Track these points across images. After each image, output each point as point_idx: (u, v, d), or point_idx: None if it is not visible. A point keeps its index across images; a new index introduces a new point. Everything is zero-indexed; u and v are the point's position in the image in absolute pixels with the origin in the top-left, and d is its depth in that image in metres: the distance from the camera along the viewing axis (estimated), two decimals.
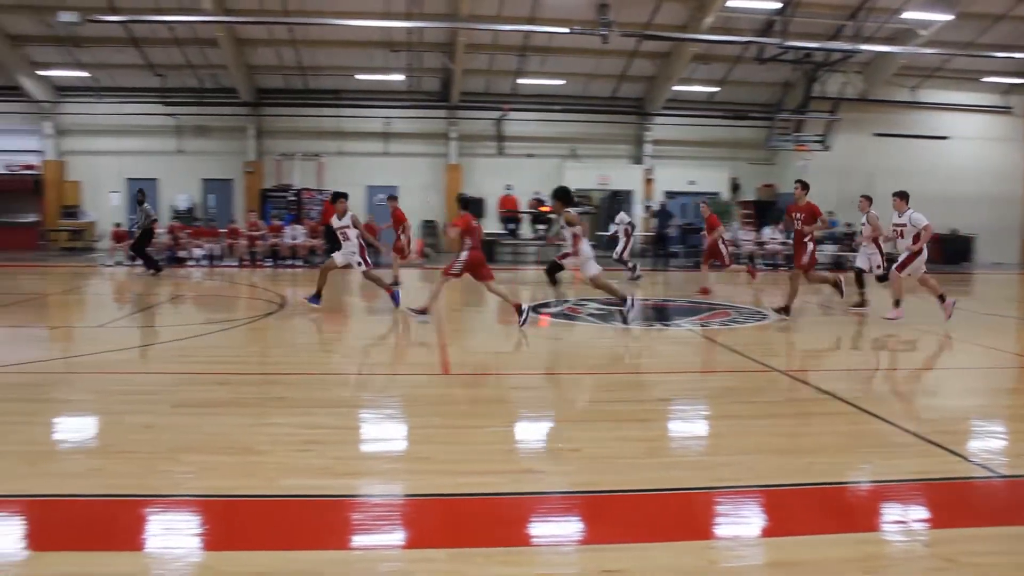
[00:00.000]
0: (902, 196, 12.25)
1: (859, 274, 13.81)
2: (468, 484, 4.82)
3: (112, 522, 4.41)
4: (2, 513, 4.52)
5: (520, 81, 25.07)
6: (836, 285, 12.93)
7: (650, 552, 3.96)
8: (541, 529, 4.34)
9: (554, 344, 10.58)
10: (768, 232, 23.63)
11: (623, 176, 26.82)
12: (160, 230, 22.53)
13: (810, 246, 12.15)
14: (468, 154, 26.60)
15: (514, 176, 25.40)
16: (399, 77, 24.79)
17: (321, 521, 4.42)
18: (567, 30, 20.57)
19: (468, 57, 23.31)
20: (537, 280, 15.94)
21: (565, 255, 12.15)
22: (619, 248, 18.82)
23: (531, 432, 6.29)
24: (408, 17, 21.19)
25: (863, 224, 13.68)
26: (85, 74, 25.21)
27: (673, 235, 24.12)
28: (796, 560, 3.90)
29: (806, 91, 24.86)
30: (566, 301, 12.61)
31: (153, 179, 25.96)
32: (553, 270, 13.49)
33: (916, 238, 11.87)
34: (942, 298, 11.96)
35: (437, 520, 4.42)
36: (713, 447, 5.90)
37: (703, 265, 16.37)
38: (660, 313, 12.33)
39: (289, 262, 21.92)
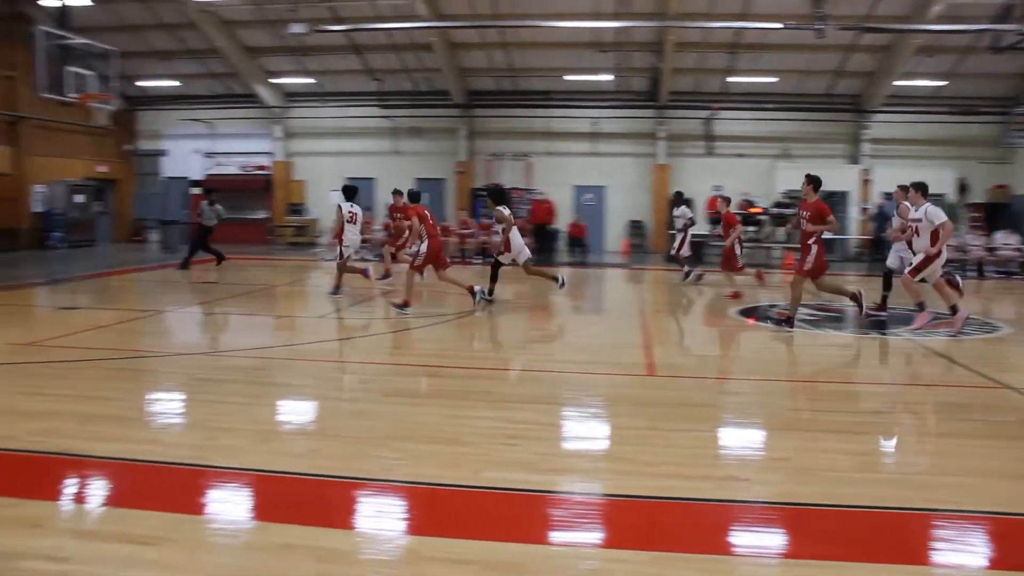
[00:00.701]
0: (918, 188, 10.89)
1: (887, 275, 12.42)
2: (669, 487, 4.79)
3: (326, 501, 4.71)
4: (236, 484, 4.93)
5: (730, 79, 24.44)
6: (855, 298, 11.34)
7: (855, 572, 3.79)
8: (743, 538, 4.26)
9: (763, 349, 10.28)
10: (1000, 237, 21.87)
11: (837, 177, 25.59)
12: (376, 227, 23.69)
13: (814, 249, 10.82)
14: (676, 154, 26.24)
15: (724, 176, 24.79)
16: (607, 77, 24.81)
17: (523, 514, 4.52)
18: (780, 25, 19.86)
19: (677, 56, 22.99)
20: (747, 283, 15.55)
21: (500, 253, 13.14)
22: (675, 245, 17.83)
23: (735, 438, 6.17)
24: (616, 17, 21.18)
25: (893, 216, 12.25)
26: (311, 80, 26.89)
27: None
28: None
29: None
30: (774, 305, 12.23)
31: (371, 178, 27.30)
32: (496, 267, 13.65)
33: (934, 237, 10.52)
34: (954, 309, 10.58)
35: (637, 521, 4.42)
36: (931, 466, 5.54)
37: (724, 270, 15.33)
38: (876, 322, 11.69)
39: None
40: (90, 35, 21.55)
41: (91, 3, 22.61)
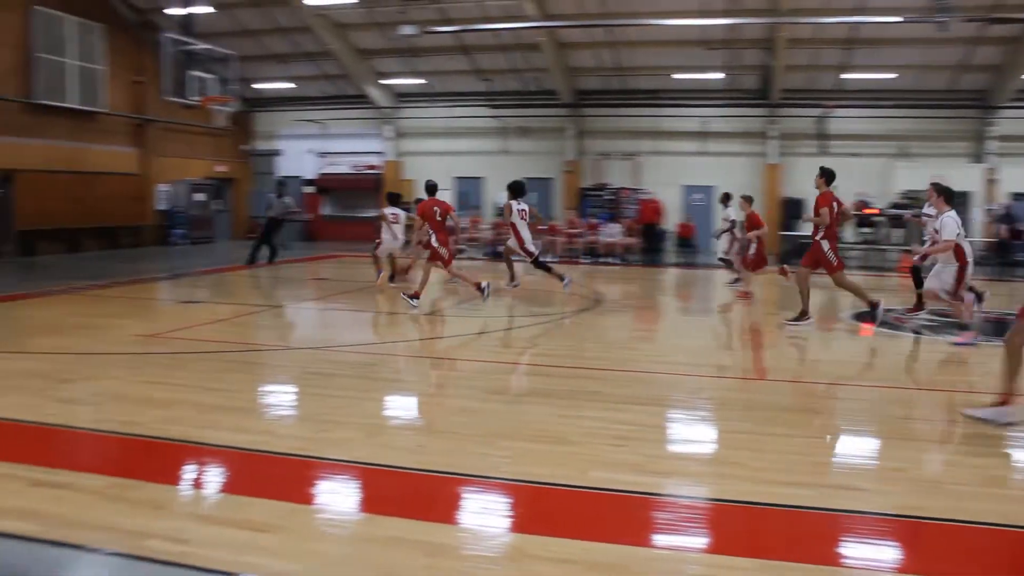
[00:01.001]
0: (939, 190, 9.77)
1: (916, 271, 11.73)
2: (778, 494, 4.69)
3: (432, 496, 4.77)
4: (345, 476, 5.05)
5: (845, 76, 23.66)
6: (873, 306, 10.64)
7: None
8: (857, 551, 4.12)
9: (876, 354, 9.96)
10: None
11: (960, 176, 24.47)
12: (483, 225, 23.92)
13: (824, 244, 10.43)
14: (788, 153, 25.59)
15: (837, 176, 23.96)
16: (717, 75, 24.41)
17: (628, 516, 4.49)
18: (899, 19, 19.16)
19: (789, 52, 22.41)
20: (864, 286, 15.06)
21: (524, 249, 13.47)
22: (723, 247, 17.03)
23: (849, 446, 5.99)
24: (726, 14, 20.81)
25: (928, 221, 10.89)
26: (421, 81, 27.29)
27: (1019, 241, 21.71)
28: None
29: None
30: (890, 310, 11.82)
31: (479, 178, 27.56)
32: (537, 265, 13.85)
33: (958, 253, 9.51)
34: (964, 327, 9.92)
35: (743, 528, 4.34)
36: None
37: (746, 269, 14.49)
38: (1001, 328, 11.16)
39: (605, 259, 22.40)
40: (211, 40, 22.43)
41: (212, 10, 23.53)
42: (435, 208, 12.49)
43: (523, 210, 13.73)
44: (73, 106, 21.96)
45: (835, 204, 11.04)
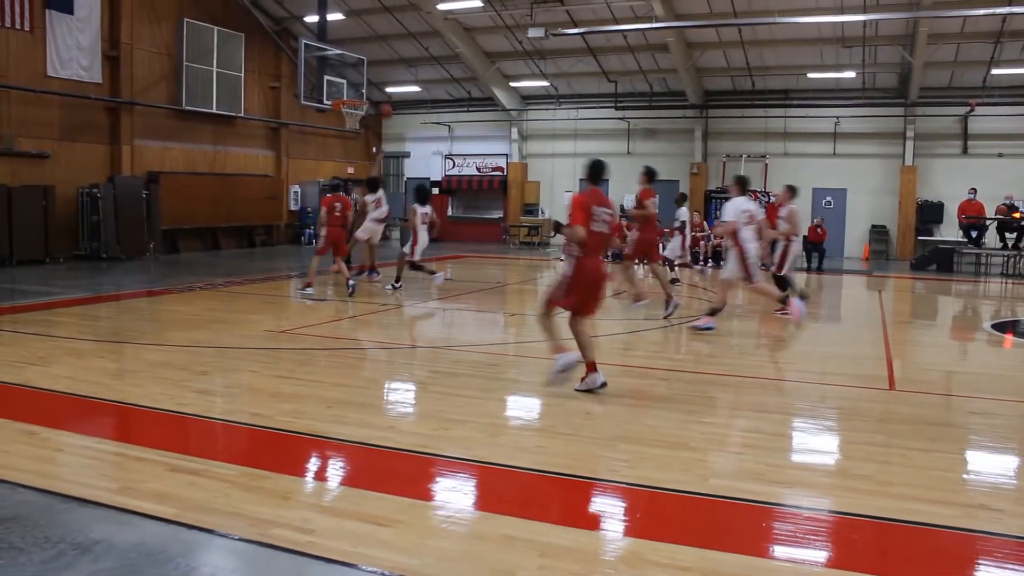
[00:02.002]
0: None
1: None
2: (908, 510, 4.49)
3: (549, 497, 4.78)
4: (464, 474, 5.11)
5: (995, 72, 22.43)
6: (668, 298, 11.48)
7: None
8: (990, 574, 3.91)
9: (1019, 367, 9.44)
10: None
11: None
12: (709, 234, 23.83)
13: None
14: (925, 154, 24.50)
15: (978, 179, 22.83)
16: (851, 74, 23.60)
17: (749, 526, 4.39)
18: None
19: (930, 49, 21.43)
20: (1004, 294, 14.33)
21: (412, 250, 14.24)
22: (672, 246, 16.98)
23: (987, 463, 5.68)
24: (864, 10, 20.07)
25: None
26: (546, 83, 27.44)
27: None
28: None
29: None
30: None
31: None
32: (416, 267, 14.57)
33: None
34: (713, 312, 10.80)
35: (869, 543, 4.18)
36: None
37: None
38: None
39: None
40: (343, 46, 23.11)
41: (343, 17, 24.25)
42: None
43: (426, 213, 14.46)
44: (215, 111, 23.04)
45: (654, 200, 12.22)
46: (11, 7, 17.76)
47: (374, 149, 30.57)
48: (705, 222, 23.48)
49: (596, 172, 7.73)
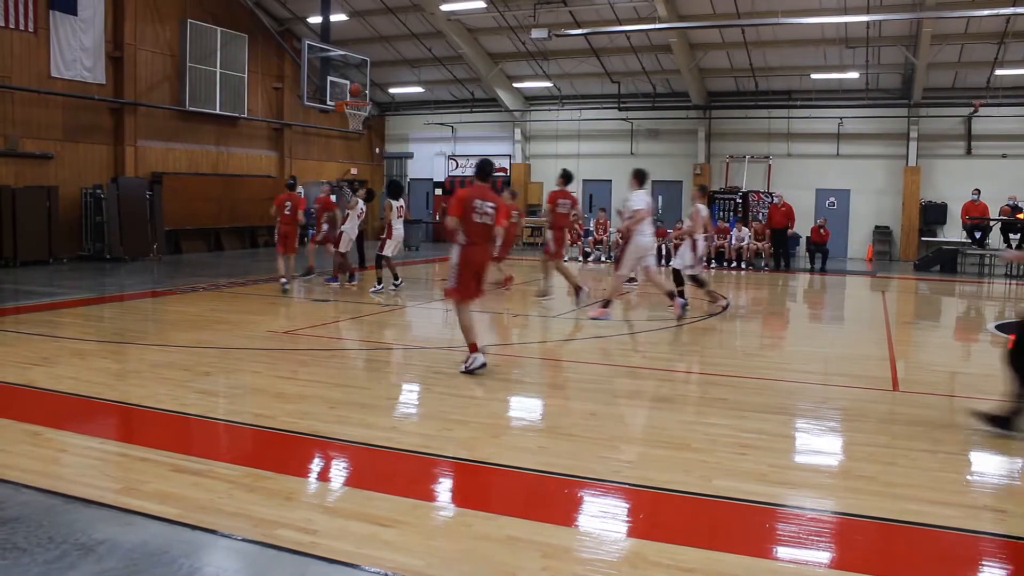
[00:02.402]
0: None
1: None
2: (912, 512, 4.49)
3: (552, 497, 4.78)
4: (466, 475, 5.12)
5: (998, 72, 22.35)
6: (577, 290, 12.00)
7: None
8: (994, 575, 3.90)
9: None
10: None
11: None
12: (611, 229, 23.82)
13: (549, 234, 12.71)
14: (929, 155, 24.45)
15: (982, 179, 22.76)
16: (854, 75, 23.56)
17: (752, 527, 4.39)
18: None
19: (934, 49, 21.38)
20: (1009, 295, 14.31)
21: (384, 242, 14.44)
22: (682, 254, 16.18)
23: (992, 464, 5.67)
24: (868, 11, 20.04)
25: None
26: (549, 84, 27.45)
27: None
28: None
29: None
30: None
31: (607, 180, 27.46)
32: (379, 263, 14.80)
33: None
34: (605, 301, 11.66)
35: (874, 545, 4.17)
36: None
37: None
38: None
39: (733, 264, 21.95)
40: (346, 47, 23.15)
41: (347, 18, 24.28)
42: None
43: (400, 207, 14.78)
44: (218, 112, 23.06)
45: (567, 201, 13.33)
46: (15, 8, 17.81)
47: (376, 150, 30.64)
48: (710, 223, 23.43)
49: (484, 170, 8.28)
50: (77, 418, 6.26)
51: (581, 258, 23.30)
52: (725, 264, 21.96)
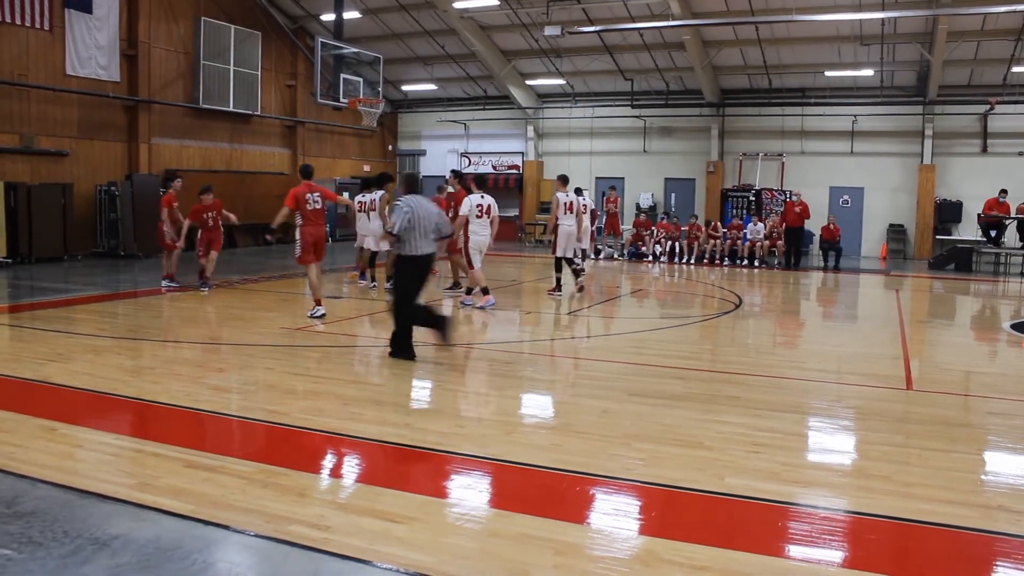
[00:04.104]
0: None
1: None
2: (926, 511, 4.47)
3: (565, 495, 4.77)
4: (480, 472, 5.12)
5: (1015, 69, 22.17)
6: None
7: None
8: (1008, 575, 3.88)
9: None
10: None
11: None
12: (625, 227, 23.81)
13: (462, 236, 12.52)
14: (944, 153, 24.31)
15: (999, 177, 22.59)
16: (869, 72, 23.44)
17: (764, 525, 4.38)
18: None
19: (950, 46, 21.23)
20: (1022, 294, 14.21)
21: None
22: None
23: (1006, 464, 5.64)
24: (883, 8, 19.94)
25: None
26: (562, 81, 27.42)
27: None
28: None
29: None
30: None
31: (620, 178, 27.39)
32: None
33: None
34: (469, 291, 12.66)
35: (888, 544, 4.16)
36: None
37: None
38: None
39: (746, 262, 21.86)
40: (359, 44, 23.17)
41: (360, 15, 24.31)
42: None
43: (373, 200, 14.40)
44: (232, 109, 23.13)
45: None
46: (31, 6, 17.90)
47: (389, 147, 30.65)
48: (719, 223, 23.38)
49: (305, 173, 11.30)
50: (92, 414, 6.30)
51: (593, 255, 23.21)
52: (739, 262, 21.87)
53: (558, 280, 13.81)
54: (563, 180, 13.93)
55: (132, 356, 8.51)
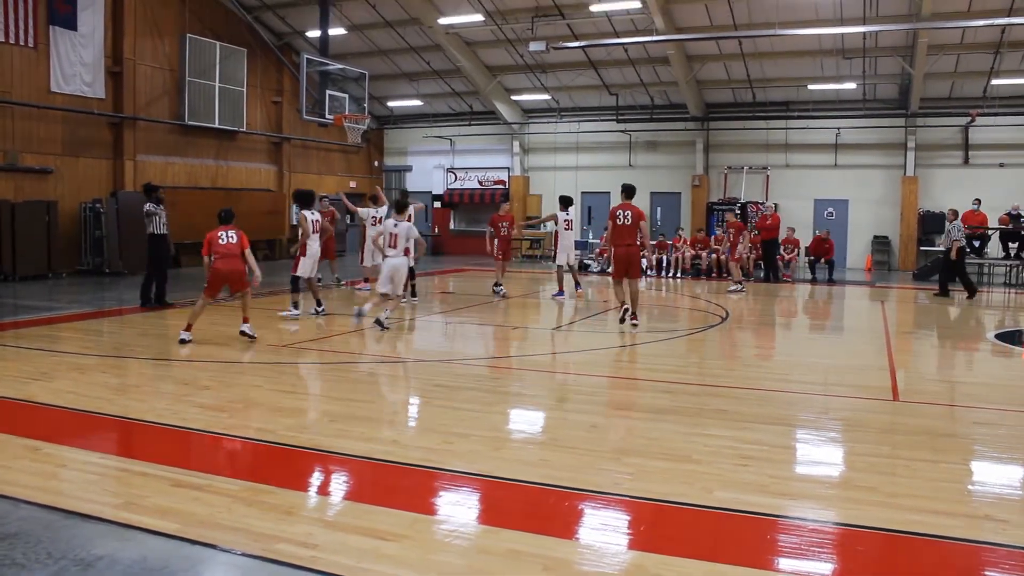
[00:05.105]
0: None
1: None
2: (913, 522, 4.48)
3: (553, 510, 4.76)
4: (468, 488, 5.10)
5: (995, 82, 22.40)
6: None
7: None
8: None
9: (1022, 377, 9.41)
10: None
11: None
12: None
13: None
14: (927, 165, 24.50)
15: (980, 189, 22.81)
16: (851, 86, 23.63)
17: (753, 538, 4.38)
18: None
19: (931, 59, 21.44)
20: (1008, 304, 14.31)
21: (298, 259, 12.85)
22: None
23: (992, 474, 5.66)
24: (864, 22, 20.12)
25: None
26: (547, 97, 27.55)
27: None
28: None
29: None
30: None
31: (606, 192, 27.45)
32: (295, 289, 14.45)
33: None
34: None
35: (876, 555, 4.17)
36: None
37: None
38: None
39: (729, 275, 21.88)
40: (344, 61, 23.20)
41: (345, 32, 24.36)
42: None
43: (316, 220, 12.99)
44: (217, 126, 23.12)
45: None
46: (15, 23, 17.86)
47: (375, 163, 30.64)
48: (709, 237, 23.44)
49: (226, 217, 10.66)
50: (76, 433, 6.25)
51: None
52: (726, 275, 21.89)
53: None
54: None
55: (117, 374, 8.46)
